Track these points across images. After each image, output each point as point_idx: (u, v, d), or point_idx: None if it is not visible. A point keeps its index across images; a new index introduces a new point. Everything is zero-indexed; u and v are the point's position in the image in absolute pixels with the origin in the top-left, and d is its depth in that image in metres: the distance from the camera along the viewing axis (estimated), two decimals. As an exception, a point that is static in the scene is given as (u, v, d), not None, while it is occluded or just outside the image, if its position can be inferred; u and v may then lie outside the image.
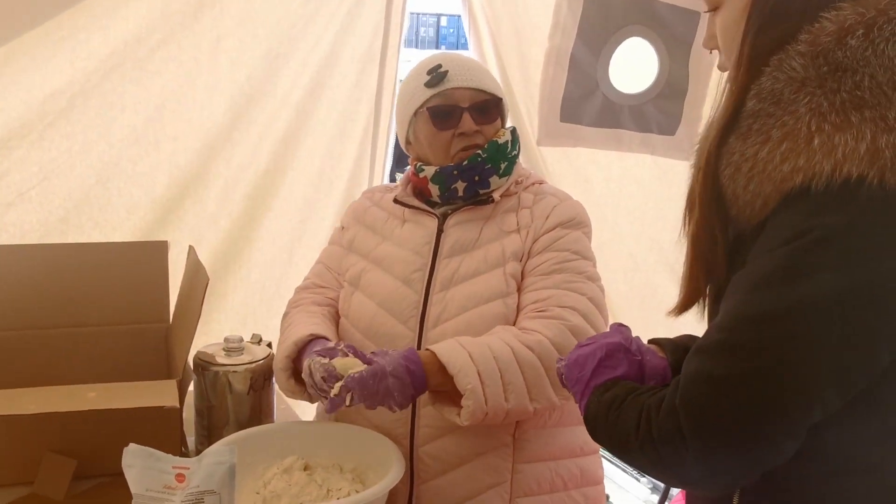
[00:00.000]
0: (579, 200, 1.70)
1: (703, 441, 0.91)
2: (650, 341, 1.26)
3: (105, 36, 2.15)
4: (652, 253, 2.93)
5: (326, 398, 1.42)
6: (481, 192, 1.64)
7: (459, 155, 1.63)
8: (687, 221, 1.09)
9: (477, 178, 1.62)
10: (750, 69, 1.00)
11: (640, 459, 1.02)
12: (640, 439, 0.98)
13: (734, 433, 0.90)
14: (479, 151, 1.62)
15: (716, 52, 1.13)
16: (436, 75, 1.62)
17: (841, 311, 0.88)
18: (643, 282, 2.99)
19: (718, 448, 0.91)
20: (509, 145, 1.65)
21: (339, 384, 1.39)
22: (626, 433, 1.01)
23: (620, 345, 1.17)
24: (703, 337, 0.97)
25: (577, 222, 1.65)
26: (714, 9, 1.09)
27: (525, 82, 2.77)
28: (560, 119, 2.80)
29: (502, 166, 1.63)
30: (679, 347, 1.23)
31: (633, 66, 2.76)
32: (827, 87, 0.93)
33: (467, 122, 1.62)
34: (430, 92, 1.62)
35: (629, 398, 1.04)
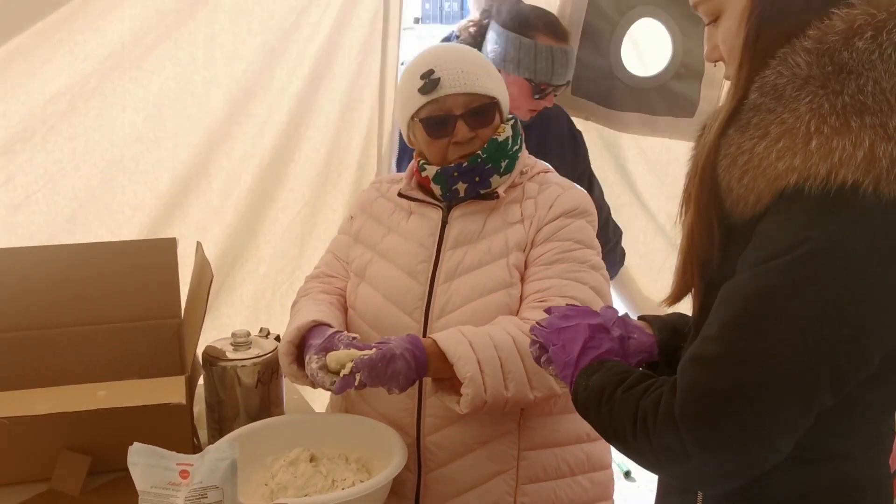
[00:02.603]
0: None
1: (707, 453, 0.93)
2: (639, 318, 1.27)
3: (102, 37, 2.16)
4: (659, 237, 2.88)
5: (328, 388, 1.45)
6: (482, 191, 1.63)
7: (457, 160, 1.62)
8: (683, 212, 1.08)
9: (477, 178, 1.61)
10: (752, 62, 0.99)
11: (638, 459, 1.03)
12: (639, 442, 0.99)
13: (738, 444, 0.91)
14: (479, 152, 1.60)
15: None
16: (428, 82, 1.57)
17: (837, 322, 0.89)
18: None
19: (723, 458, 0.93)
20: (510, 141, 1.63)
21: (349, 364, 1.40)
22: (622, 432, 1.02)
23: (601, 326, 1.18)
24: (699, 345, 0.97)
25: (581, 211, 1.63)
26: (714, 20, 1.08)
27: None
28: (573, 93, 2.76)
29: (503, 164, 1.62)
30: (667, 326, 1.24)
31: (646, 47, 2.70)
32: (830, 87, 0.92)
33: (462, 131, 1.59)
34: (423, 99, 1.59)
35: (619, 391, 1.04)
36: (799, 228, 0.90)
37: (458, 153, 1.61)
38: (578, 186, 1.69)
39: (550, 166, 1.76)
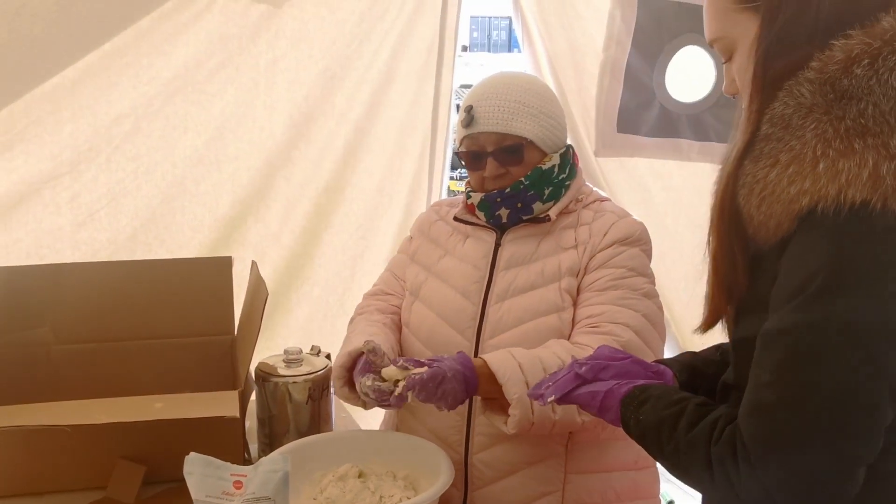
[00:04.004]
0: (639, 210, 1.70)
1: (796, 499, 0.95)
2: (655, 361, 1.30)
3: (166, 61, 2.23)
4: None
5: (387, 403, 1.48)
6: (524, 217, 1.65)
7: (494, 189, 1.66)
8: (709, 241, 1.11)
9: (520, 204, 1.64)
10: (762, 95, 1.03)
11: (718, 499, 1.07)
12: (720, 490, 1.01)
13: (822, 482, 0.94)
14: (522, 179, 1.63)
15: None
16: (466, 116, 1.63)
17: (882, 338, 0.92)
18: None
19: (812, 499, 0.95)
20: (556, 170, 1.65)
21: (402, 383, 1.42)
22: (696, 475, 1.05)
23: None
24: (756, 393, 0.98)
25: (635, 239, 1.64)
26: (729, 57, 1.12)
27: (580, 92, 2.77)
28: (617, 130, 2.78)
29: (546, 192, 1.64)
30: (686, 368, 1.28)
31: (690, 74, 2.74)
32: (833, 114, 0.96)
33: (491, 168, 1.63)
34: (464, 132, 1.65)
35: (682, 431, 1.05)
36: (819, 254, 0.93)
37: (491, 186, 1.66)
38: (633, 215, 1.70)
39: (604, 192, 1.77)
